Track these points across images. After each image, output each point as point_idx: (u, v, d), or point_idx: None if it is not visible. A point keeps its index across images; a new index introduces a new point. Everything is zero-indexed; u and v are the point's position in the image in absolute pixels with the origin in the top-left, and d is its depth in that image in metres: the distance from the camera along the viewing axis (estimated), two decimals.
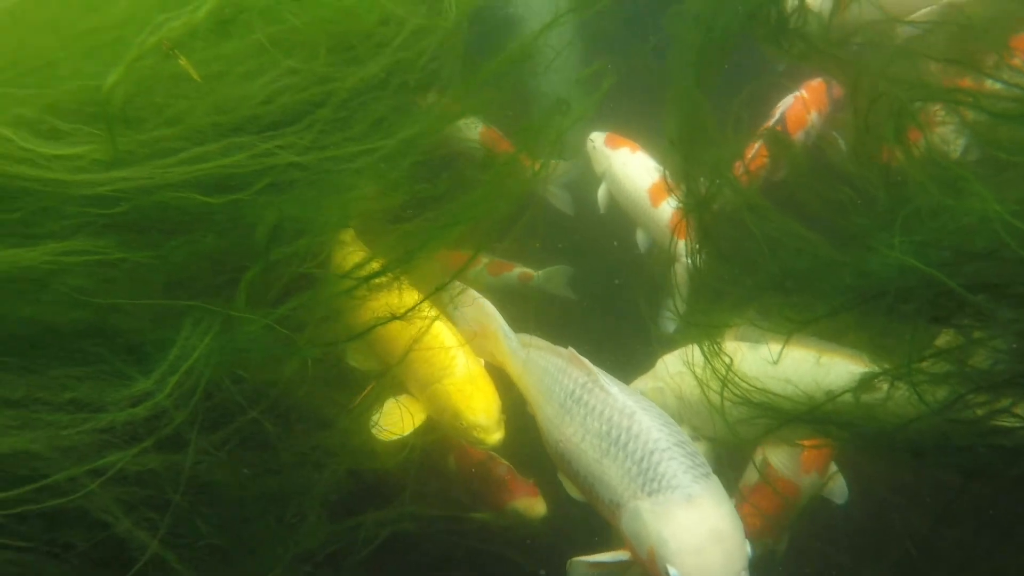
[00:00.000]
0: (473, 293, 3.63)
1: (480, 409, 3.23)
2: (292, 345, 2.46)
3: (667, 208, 4.62)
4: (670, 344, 3.89)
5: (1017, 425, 2.63)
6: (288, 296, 2.62)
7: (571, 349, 3.10)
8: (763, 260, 3.62)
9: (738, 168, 4.07)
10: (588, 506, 2.96)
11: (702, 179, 3.91)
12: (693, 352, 3.60)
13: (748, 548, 2.41)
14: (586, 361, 2.99)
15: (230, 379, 2.33)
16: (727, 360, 3.40)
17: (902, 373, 2.72)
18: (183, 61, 2.04)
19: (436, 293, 3.21)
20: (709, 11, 4.55)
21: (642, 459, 2.58)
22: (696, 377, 3.55)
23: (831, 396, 3.06)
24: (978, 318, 2.57)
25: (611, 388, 2.85)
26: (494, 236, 3.82)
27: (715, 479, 2.57)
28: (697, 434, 3.65)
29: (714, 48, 4.34)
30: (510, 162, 3.66)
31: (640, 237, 4.85)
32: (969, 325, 2.63)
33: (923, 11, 3.99)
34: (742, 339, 3.60)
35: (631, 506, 2.55)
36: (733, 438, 3.49)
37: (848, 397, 3.02)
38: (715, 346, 3.52)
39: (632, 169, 4.84)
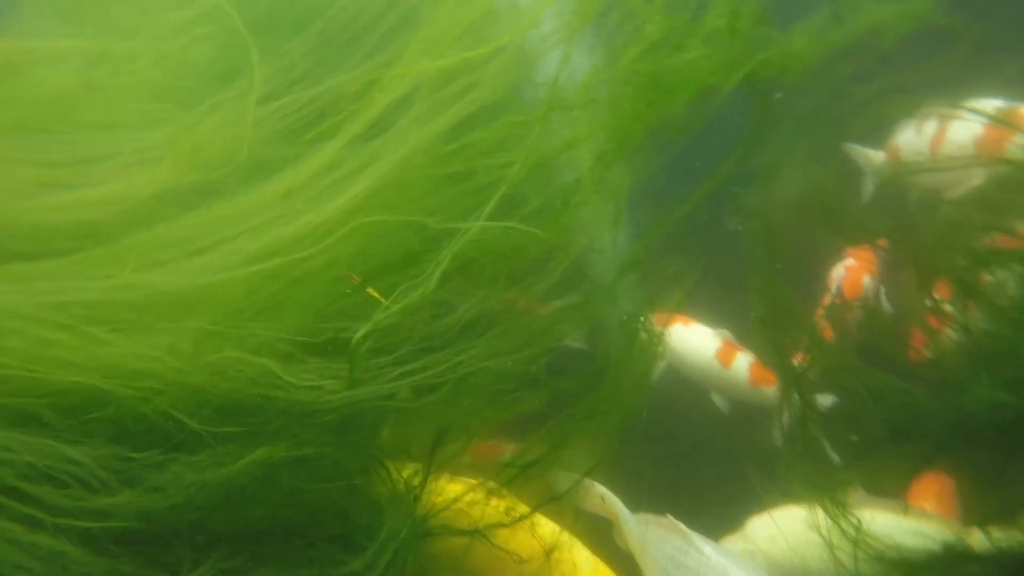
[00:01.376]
0: (597, 486, 3.77)
1: None
2: None
3: (741, 365, 4.89)
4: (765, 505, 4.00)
5: None
6: None
7: (669, 516, 3.32)
8: (867, 415, 3.85)
9: (827, 332, 4.38)
10: None
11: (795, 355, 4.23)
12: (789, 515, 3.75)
13: None
14: (681, 525, 3.21)
15: None
16: (855, 521, 3.54)
17: None
18: (371, 290, 2.52)
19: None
20: (765, 205, 5.15)
21: None
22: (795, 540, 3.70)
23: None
24: None
25: (704, 548, 3.07)
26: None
27: None
28: None
29: (777, 237, 4.87)
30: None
31: (718, 400, 5.06)
32: None
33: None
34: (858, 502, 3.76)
35: None
36: None
37: None
38: (840, 507, 3.67)
39: (693, 341, 5.13)
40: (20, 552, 1.98)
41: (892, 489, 3.92)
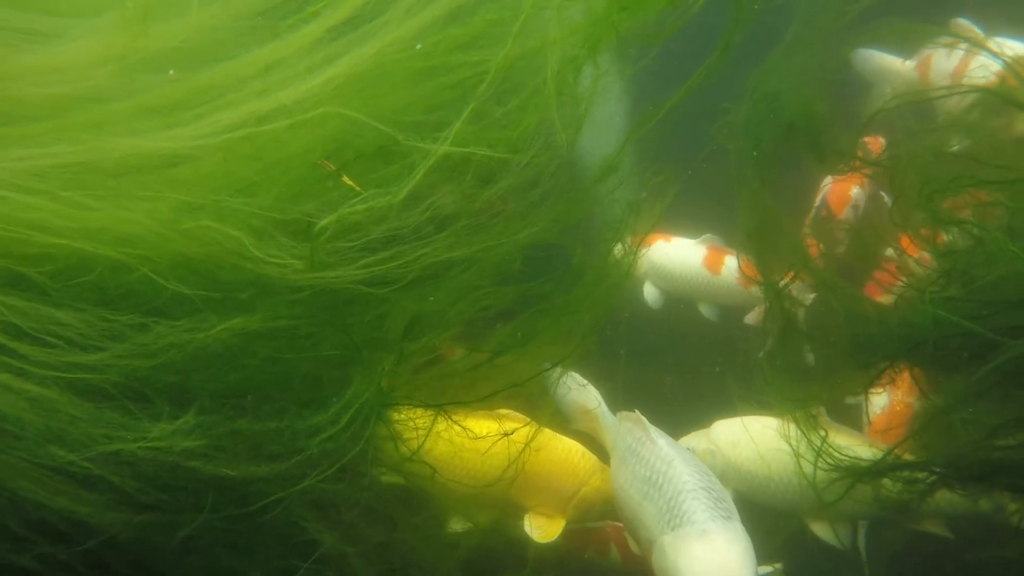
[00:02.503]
0: (577, 377, 3.98)
1: None
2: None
3: (730, 268, 4.92)
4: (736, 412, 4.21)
5: None
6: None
7: (636, 412, 3.46)
8: (838, 332, 3.99)
9: (812, 249, 4.47)
10: None
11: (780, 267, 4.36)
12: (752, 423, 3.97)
13: None
14: (644, 419, 3.36)
15: None
16: (823, 433, 3.72)
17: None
18: (346, 179, 2.63)
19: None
20: (754, 123, 5.16)
21: (671, 498, 2.84)
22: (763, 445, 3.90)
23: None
24: None
25: (659, 440, 3.19)
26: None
27: (736, 523, 2.76)
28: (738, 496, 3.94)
29: (766, 155, 4.91)
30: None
31: (705, 310, 5.14)
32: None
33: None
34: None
35: (659, 541, 2.79)
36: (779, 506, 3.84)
37: None
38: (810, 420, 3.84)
39: (676, 254, 5.18)
40: (10, 395, 2.15)
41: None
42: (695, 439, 4.22)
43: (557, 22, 2.67)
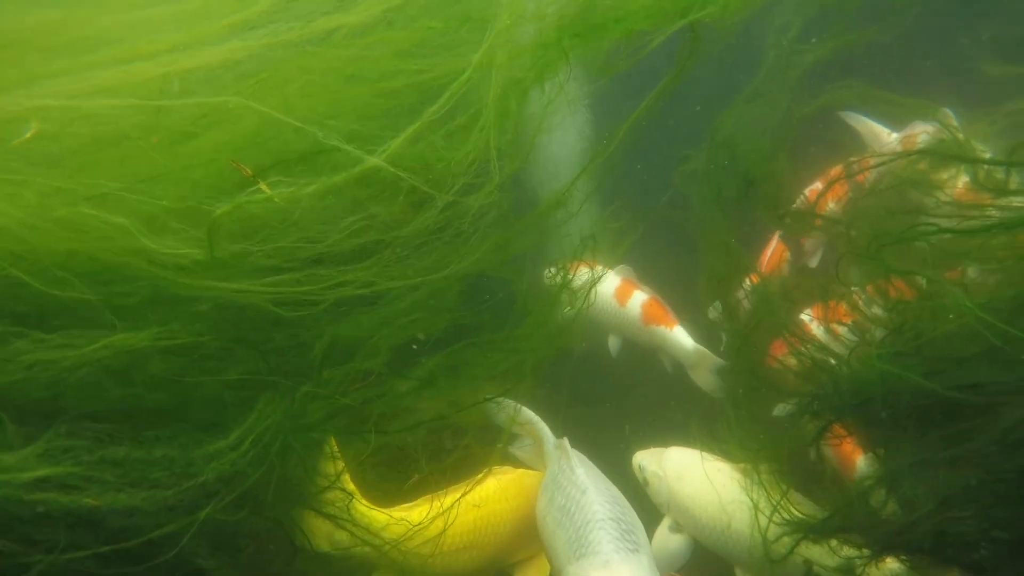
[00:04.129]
0: (526, 412, 3.80)
1: None
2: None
3: (635, 302, 4.77)
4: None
5: None
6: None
7: (564, 439, 3.36)
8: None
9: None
10: None
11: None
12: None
13: None
14: (568, 447, 3.26)
15: None
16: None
17: None
18: (263, 184, 2.33)
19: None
20: (714, 173, 5.09)
21: (580, 528, 2.81)
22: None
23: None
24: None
25: (577, 469, 3.10)
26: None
27: (642, 555, 2.73)
28: (678, 527, 3.82)
29: (728, 202, 4.83)
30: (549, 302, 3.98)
31: (612, 343, 4.96)
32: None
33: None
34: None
35: (565, 570, 2.74)
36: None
37: None
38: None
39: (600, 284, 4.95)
40: None
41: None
42: (648, 456, 4.06)
43: (503, 41, 2.47)
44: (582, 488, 2.97)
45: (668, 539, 3.82)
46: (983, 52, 5.03)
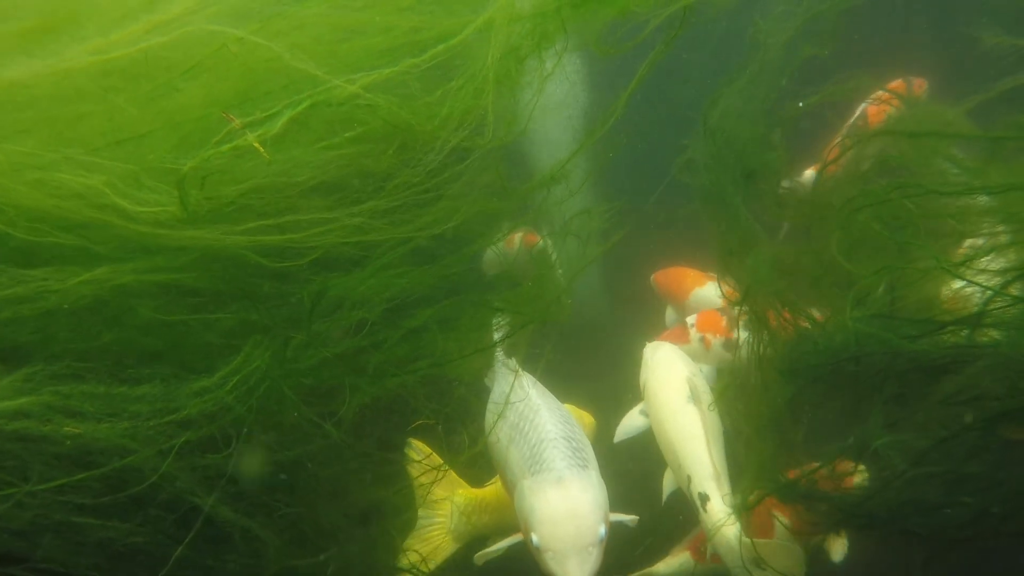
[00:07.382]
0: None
1: None
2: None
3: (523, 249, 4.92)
4: None
5: None
6: None
7: (514, 359, 3.46)
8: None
9: None
10: None
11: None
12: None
13: (602, 530, 2.65)
14: (519, 368, 3.36)
15: None
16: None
17: None
18: (252, 138, 2.29)
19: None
20: (713, 162, 5.01)
21: (534, 446, 2.90)
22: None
23: None
24: None
25: (530, 390, 3.22)
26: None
27: (591, 471, 2.82)
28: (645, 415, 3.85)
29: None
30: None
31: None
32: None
33: None
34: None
35: (519, 485, 2.83)
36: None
37: None
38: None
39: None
40: None
41: None
42: (655, 345, 4.09)
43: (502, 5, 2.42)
44: (535, 408, 3.08)
45: (632, 418, 3.91)
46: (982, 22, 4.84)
